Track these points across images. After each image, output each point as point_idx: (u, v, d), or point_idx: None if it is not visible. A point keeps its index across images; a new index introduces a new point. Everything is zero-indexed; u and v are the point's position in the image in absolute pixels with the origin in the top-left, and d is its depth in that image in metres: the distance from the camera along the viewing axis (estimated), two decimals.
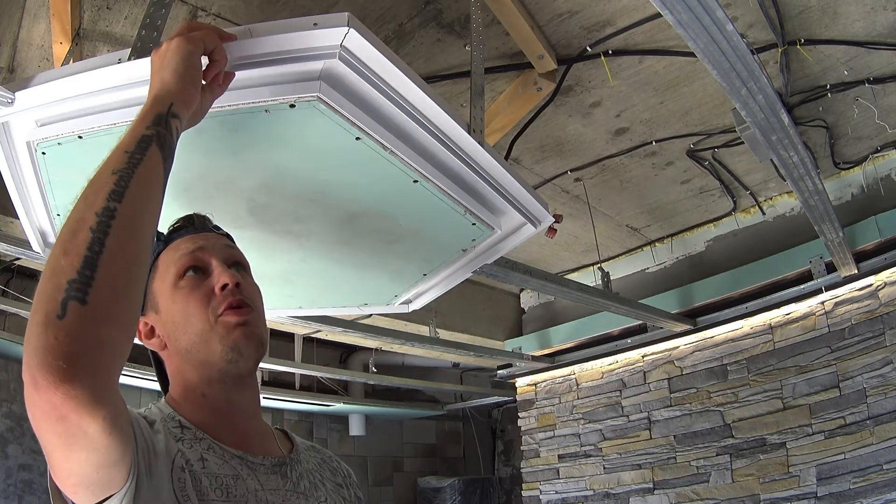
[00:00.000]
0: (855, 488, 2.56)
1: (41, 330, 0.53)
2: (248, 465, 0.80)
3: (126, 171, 0.63)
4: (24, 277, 3.18)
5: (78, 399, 0.53)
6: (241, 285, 0.85)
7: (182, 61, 0.77)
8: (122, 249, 0.59)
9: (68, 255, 0.56)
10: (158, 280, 0.86)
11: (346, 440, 5.07)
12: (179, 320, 0.83)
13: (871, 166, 2.83)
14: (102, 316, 0.55)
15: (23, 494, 3.11)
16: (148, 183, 0.66)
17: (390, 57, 0.94)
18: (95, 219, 0.59)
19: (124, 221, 0.60)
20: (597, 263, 3.44)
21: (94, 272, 0.55)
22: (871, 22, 1.97)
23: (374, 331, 3.06)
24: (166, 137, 0.70)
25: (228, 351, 0.81)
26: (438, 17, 1.86)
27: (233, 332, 0.81)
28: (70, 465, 0.59)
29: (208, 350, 0.81)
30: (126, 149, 0.66)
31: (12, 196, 1.17)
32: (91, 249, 0.57)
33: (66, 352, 0.52)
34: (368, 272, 1.54)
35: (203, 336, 0.81)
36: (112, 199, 0.60)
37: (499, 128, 2.23)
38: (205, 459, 0.75)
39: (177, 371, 0.85)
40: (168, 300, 0.84)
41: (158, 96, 0.74)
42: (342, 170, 1.12)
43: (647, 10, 1.86)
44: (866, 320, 2.70)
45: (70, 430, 0.55)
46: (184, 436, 0.77)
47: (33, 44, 1.85)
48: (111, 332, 0.56)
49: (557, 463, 3.77)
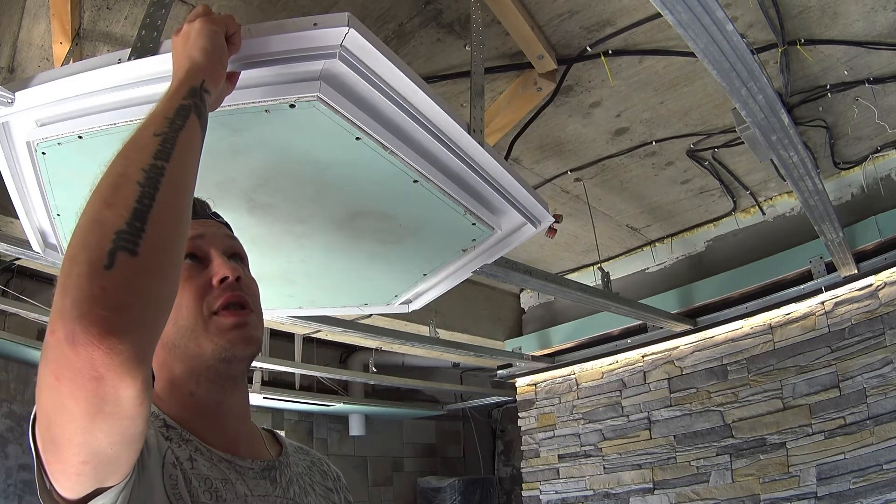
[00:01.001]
0: (855, 488, 2.56)
1: (85, 281, 0.49)
2: (236, 470, 0.77)
3: (169, 134, 0.62)
4: (24, 277, 3.18)
5: (122, 356, 0.48)
6: (242, 280, 0.81)
7: (209, 40, 0.77)
8: (171, 206, 0.57)
9: (113, 207, 0.54)
10: None
11: (346, 440, 5.07)
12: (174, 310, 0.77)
13: (871, 166, 2.83)
14: (152, 269, 0.52)
15: (23, 494, 3.11)
16: (190, 147, 0.64)
17: (390, 57, 0.94)
18: (143, 174, 0.57)
19: (172, 179, 0.58)
20: (597, 263, 3.44)
21: (144, 224, 0.53)
22: (871, 22, 1.97)
23: (374, 331, 3.06)
24: (202, 109, 0.69)
25: (221, 351, 0.77)
26: (438, 17, 1.86)
27: (228, 333, 0.77)
28: (87, 438, 0.53)
29: (197, 346, 0.77)
30: (166, 115, 0.65)
31: (12, 196, 1.17)
32: (141, 202, 0.54)
33: (115, 303, 0.49)
34: (368, 272, 1.54)
35: (193, 331, 0.77)
36: (159, 158, 0.59)
37: (499, 128, 2.23)
38: (193, 460, 0.72)
39: (162, 365, 0.79)
40: None
41: (190, 72, 0.73)
42: (342, 170, 1.12)
43: (647, 10, 1.86)
44: (866, 320, 2.70)
45: (102, 393, 0.50)
46: (170, 435, 0.74)
47: (33, 44, 1.85)
48: (159, 287, 0.53)
49: (557, 463, 3.77)
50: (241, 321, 0.78)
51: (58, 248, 1.35)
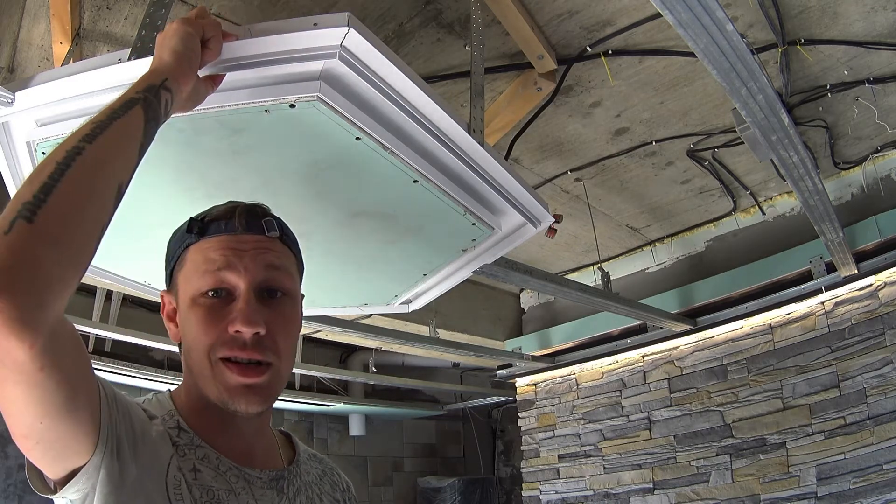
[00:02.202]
0: (855, 488, 2.56)
1: None
2: (245, 479, 0.76)
3: (104, 121, 0.64)
4: None
5: (3, 314, 0.49)
6: (264, 337, 0.75)
7: (180, 41, 0.78)
8: (80, 183, 0.58)
9: (31, 184, 0.56)
10: (182, 278, 0.79)
11: (346, 440, 5.07)
12: (187, 341, 0.77)
13: (871, 166, 2.83)
14: (45, 235, 0.53)
15: (23, 494, 3.11)
16: (123, 134, 0.65)
17: (390, 57, 0.95)
18: (63, 154, 0.58)
19: (90, 159, 0.59)
20: (597, 263, 3.44)
21: (48, 196, 0.54)
22: (871, 22, 1.97)
23: (374, 331, 3.06)
24: (153, 103, 0.70)
25: (223, 403, 0.74)
26: (438, 17, 1.86)
27: (231, 389, 0.74)
28: (12, 409, 0.57)
29: (206, 387, 0.75)
30: (111, 107, 0.66)
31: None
32: (51, 177, 0.56)
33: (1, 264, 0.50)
34: (368, 272, 1.54)
35: (202, 372, 0.75)
36: (83, 140, 0.60)
37: (499, 128, 2.23)
38: (197, 470, 0.72)
39: (185, 371, 0.80)
40: (185, 309, 0.77)
41: (154, 70, 0.75)
42: (342, 170, 1.12)
43: (647, 10, 1.86)
44: (866, 320, 2.70)
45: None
46: (180, 440, 0.74)
47: (33, 44, 1.85)
48: (51, 254, 0.53)
49: (557, 463, 3.77)
50: (250, 382, 0.74)
51: None
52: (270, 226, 0.81)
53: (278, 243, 0.82)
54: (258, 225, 0.80)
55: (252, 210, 0.82)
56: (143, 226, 1.25)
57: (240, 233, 0.78)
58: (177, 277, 0.80)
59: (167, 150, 1.02)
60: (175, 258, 0.81)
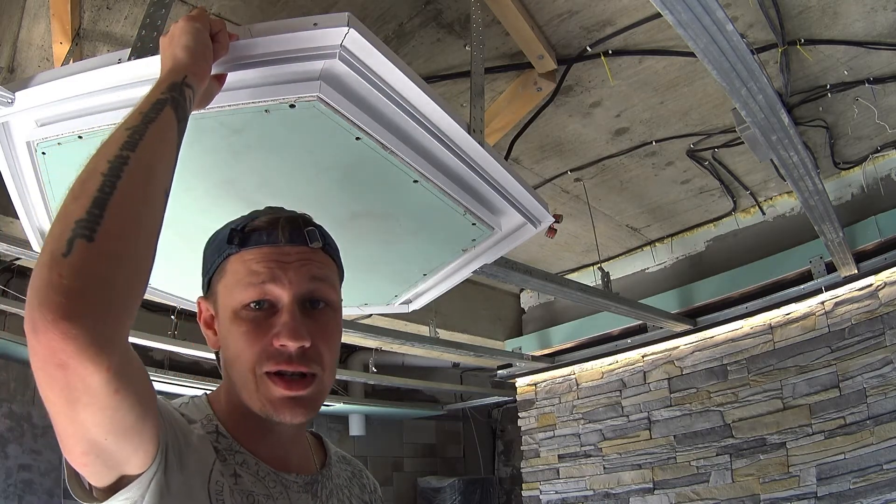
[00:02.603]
0: (855, 488, 2.56)
1: (45, 269, 0.49)
2: (282, 483, 0.77)
3: (139, 126, 0.63)
4: (24, 277, 3.18)
5: (78, 341, 0.48)
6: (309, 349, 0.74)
7: (192, 37, 0.78)
8: (133, 193, 0.56)
9: (78, 199, 0.54)
10: (223, 288, 0.77)
11: (346, 440, 5.07)
12: (230, 354, 0.75)
13: (871, 166, 2.83)
14: (110, 254, 0.52)
15: (23, 494, 3.11)
16: (161, 138, 0.64)
17: (390, 57, 0.95)
18: (107, 165, 0.57)
19: (137, 168, 0.58)
20: (597, 263, 3.44)
21: (102, 211, 0.53)
22: (871, 22, 1.97)
23: (374, 331, 3.06)
24: (180, 102, 0.70)
25: (267, 414, 0.74)
26: (438, 17, 1.86)
27: (276, 402, 0.73)
28: (76, 428, 0.55)
29: (249, 400, 0.74)
30: (141, 110, 0.66)
31: (12, 196, 1.17)
32: (101, 191, 0.54)
33: (69, 288, 0.48)
34: (368, 272, 1.54)
35: (245, 385, 0.74)
36: (125, 149, 0.59)
37: (499, 128, 2.23)
38: (238, 475, 0.72)
39: (225, 379, 0.79)
40: (227, 322, 0.76)
41: (173, 69, 0.75)
42: (342, 170, 1.12)
43: (647, 10, 1.86)
44: (866, 320, 2.70)
45: (72, 380, 0.50)
46: (219, 445, 0.73)
47: (33, 44, 1.85)
48: (118, 273, 0.52)
49: (557, 463, 3.77)
50: (295, 395, 0.73)
51: None
52: (313, 236, 0.79)
53: (321, 253, 0.80)
54: (301, 236, 0.78)
55: (295, 220, 0.80)
56: None
57: (283, 244, 0.77)
58: (216, 286, 0.79)
59: None
60: (214, 267, 0.79)
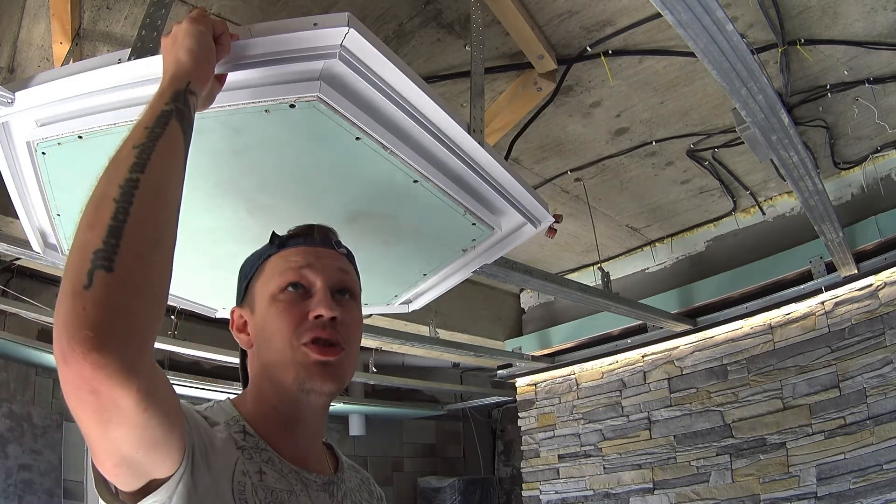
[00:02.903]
0: (855, 488, 2.56)
1: (68, 301, 0.52)
2: (302, 481, 0.81)
3: (146, 144, 0.63)
4: (24, 277, 3.18)
5: (108, 368, 0.51)
6: (339, 320, 0.83)
7: (195, 40, 0.78)
8: (146, 217, 0.58)
9: (93, 228, 0.55)
10: (261, 283, 0.86)
11: (346, 440, 5.07)
12: (267, 334, 0.83)
13: (871, 166, 2.83)
14: (130, 283, 0.54)
15: (23, 494, 3.11)
16: (169, 154, 0.65)
17: (390, 57, 0.95)
18: (118, 190, 0.58)
19: (148, 190, 0.59)
20: (597, 263, 3.44)
21: (119, 240, 0.54)
22: (871, 22, 1.97)
23: (374, 331, 3.06)
24: (185, 112, 0.70)
25: (301, 381, 0.80)
26: (438, 17, 1.86)
27: (311, 367, 0.80)
28: (109, 445, 0.57)
29: (284, 372, 0.81)
30: (146, 125, 0.66)
31: (12, 196, 1.17)
32: (115, 219, 0.56)
33: (94, 320, 0.51)
34: (368, 272, 1.53)
35: (282, 358, 0.80)
36: (134, 171, 0.60)
37: (499, 128, 2.23)
38: (263, 472, 0.76)
39: (255, 376, 0.86)
40: (264, 309, 0.84)
41: (176, 74, 0.75)
42: (342, 170, 1.12)
43: (647, 10, 1.86)
44: (866, 320, 2.70)
45: (103, 403, 0.53)
46: (246, 443, 0.78)
47: (33, 44, 1.85)
48: (140, 300, 0.55)
49: (557, 463, 3.77)
50: (326, 359, 0.80)
51: (58, 248, 1.35)
52: (339, 244, 0.93)
53: (345, 259, 0.93)
54: (331, 241, 0.92)
55: (325, 228, 0.93)
56: None
57: (317, 245, 0.89)
58: (253, 287, 0.88)
59: None
60: (253, 270, 0.89)
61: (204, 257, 1.39)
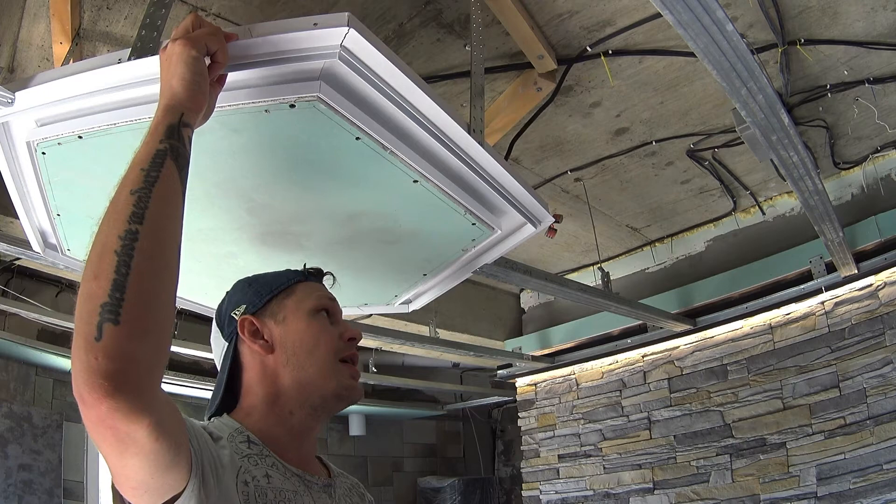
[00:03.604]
0: (855, 488, 2.56)
1: (82, 353, 0.57)
2: (305, 483, 0.88)
3: (144, 190, 0.66)
4: (24, 277, 3.18)
5: (122, 410, 0.57)
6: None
7: (188, 68, 0.78)
8: (146, 269, 0.62)
9: (98, 279, 0.60)
10: (294, 300, 0.96)
11: (346, 440, 5.07)
12: (310, 345, 0.92)
13: (871, 166, 2.83)
14: (136, 333, 0.59)
15: (23, 494, 3.11)
16: (167, 200, 0.68)
17: (390, 57, 0.95)
18: (119, 242, 0.62)
19: (146, 242, 0.63)
20: (597, 263, 3.44)
21: (122, 293, 0.59)
22: (871, 22, 1.97)
23: (374, 331, 3.06)
24: (179, 149, 0.72)
25: (340, 391, 0.92)
26: (438, 17, 1.86)
27: (349, 380, 0.94)
28: (127, 471, 0.64)
29: (324, 381, 0.91)
30: (142, 166, 0.68)
31: (12, 196, 1.17)
32: (118, 272, 0.60)
33: (106, 371, 0.57)
34: (368, 272, 1.54)
35: (326, 368, 0.92)
36: (133, 222, 0.63)
37: (499, 128, 2.23)
38: (269, 476, 0.82)
39: (273, 383, 0.91)
40: (302, 322, 0.94)
41: (169, 106, 0.75)
42: (342, 170, 1.12)
43: (647, 10, 1.86)
44: (866, 320, 2.70)
45: (120, 437, 0.59)
46: (251, 451, 0.84)
47: (33, 44, 1.85)
48: (146, 347, 0.60)
49: (557, 463, 3.76)
50: (358, 375, 0.96)
51: (58, 248, 1.35)
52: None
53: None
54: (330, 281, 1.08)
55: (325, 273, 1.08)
56: None
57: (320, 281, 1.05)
58: (283, 302, 0.96)
59: None
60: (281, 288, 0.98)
61: (204, 257, 1.39)
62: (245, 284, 1.00)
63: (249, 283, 1.00)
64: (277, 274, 1.01)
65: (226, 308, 0.97)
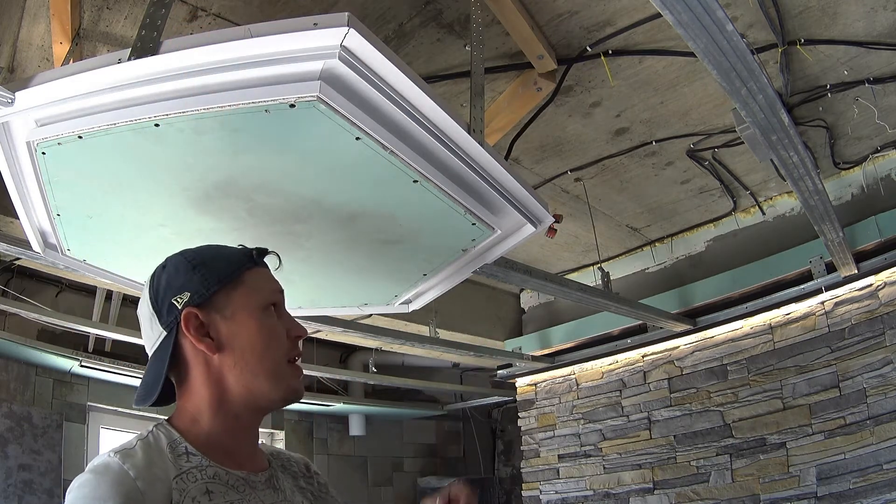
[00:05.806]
0: (855, 488, 2.56)
1: None
2: (250, 485, 0.85)
3: None
4: (24, 277, 3.18)
5: None
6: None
7: None
8: None
9: None
10: (243, 293, 0.88)
11: (346, 440, 5.07)
12: (260, 348, 0.86)
13: (871, 166, 2.83)
14: None
15: (23, 494, 3.11)
16: None
17: (390, 57, 0.95)
18: None
19: None
20: (597, 263, 3.44)
21: None
22: (871, 22, 1.97)
23: (374, 331, 3.06)
24: None
25: (289, 394, 0.89)
26: (438, 17, 1.86)
27: (295, 381, 0.90)
28: None
29: (273, 386, 0.87)
30: None
31: (12, 196, 1.17)
32: None
33: None
34: (368, 272, 1.54)
35: (277, 372, 0.87)
36: None
37: (499, 128, 2.23)
38: (210, 492, 0.79)
39: (218, 385, 0.85)
40: (253, 321, 0.87)
41: None
42: (342, 170, 1.12)
43: (647, 10, 1.86)
44: (866, 320, 2.70)
45: None
46: (190, 464, 0.80)
47: (33, 44, 1.85)
48: None
49: (557, 463, 3.76)
50: (302, 373, 0.92)
51: (58, 248, 1.35)
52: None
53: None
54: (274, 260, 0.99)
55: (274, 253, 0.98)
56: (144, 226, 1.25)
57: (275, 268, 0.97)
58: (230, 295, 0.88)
59: (167, 150, 1.02)
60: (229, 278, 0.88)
61: None
62: (188, 267, 0.87)
63: (194, 266, 0.87)
64: (223, 257, 0.90)
65: (164, 289, 0.86)
